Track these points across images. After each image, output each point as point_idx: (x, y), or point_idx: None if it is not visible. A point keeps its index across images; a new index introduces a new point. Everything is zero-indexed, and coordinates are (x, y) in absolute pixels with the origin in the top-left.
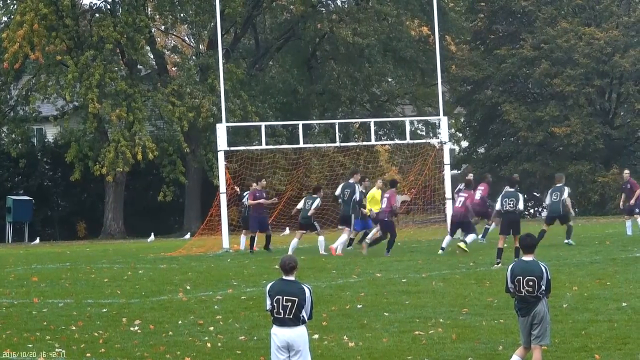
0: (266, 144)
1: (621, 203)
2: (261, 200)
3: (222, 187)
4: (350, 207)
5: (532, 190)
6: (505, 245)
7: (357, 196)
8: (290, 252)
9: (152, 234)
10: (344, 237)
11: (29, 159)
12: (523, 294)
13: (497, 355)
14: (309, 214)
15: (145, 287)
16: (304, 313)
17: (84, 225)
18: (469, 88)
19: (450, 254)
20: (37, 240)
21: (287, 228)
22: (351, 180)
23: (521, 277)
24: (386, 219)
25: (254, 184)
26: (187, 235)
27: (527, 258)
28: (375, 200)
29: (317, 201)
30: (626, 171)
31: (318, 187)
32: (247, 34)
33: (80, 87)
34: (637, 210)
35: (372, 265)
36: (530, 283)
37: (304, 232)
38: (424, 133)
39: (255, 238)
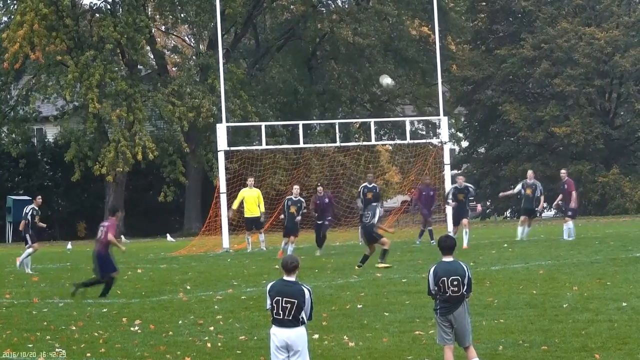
0: (266, 144)
1: (556, 204)
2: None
3: (223, 187)
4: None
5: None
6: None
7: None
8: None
9: (168, 234)
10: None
11: (29, 159)
12: (448, 295)
13: (497, 355)
14: None
15: (145, 287)
16: (303, 314)
17: (84, 225)
18: (470, 88)
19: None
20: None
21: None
22: (530, 181)
23: (445, 278)
24: None
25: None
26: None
27: (448, 259)
28: None
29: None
30: (563, 171)
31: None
32: (248, 34)
33: (80, 87)
34: (569, 213)
35: (373, 265)
36: (455, 283)
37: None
38: (424, 133)
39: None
